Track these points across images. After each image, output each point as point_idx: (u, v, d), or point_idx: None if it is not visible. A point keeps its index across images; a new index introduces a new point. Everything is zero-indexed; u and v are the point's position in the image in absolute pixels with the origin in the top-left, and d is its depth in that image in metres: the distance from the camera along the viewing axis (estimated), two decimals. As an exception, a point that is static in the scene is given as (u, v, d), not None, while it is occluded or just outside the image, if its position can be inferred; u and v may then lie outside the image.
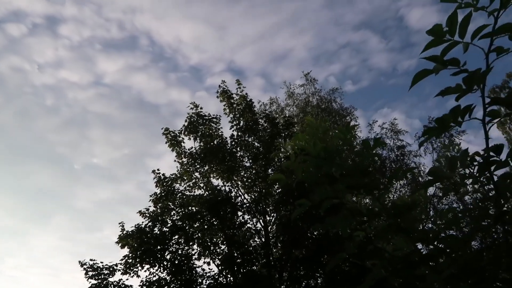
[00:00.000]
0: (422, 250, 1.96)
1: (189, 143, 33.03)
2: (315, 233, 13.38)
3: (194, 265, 13.69)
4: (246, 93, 16.65)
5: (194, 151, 15.76)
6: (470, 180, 1.83)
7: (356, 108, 24.98)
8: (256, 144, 16.03)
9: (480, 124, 1.34)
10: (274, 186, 15.09)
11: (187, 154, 15.74)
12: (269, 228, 14.70)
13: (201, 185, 15.68)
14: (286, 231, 13.18)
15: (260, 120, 16.48)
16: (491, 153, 1.19)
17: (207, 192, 15.36)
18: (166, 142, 15.99)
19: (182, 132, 16.03)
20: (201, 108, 16.32)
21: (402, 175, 1.89)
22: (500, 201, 1.23)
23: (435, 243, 1.80)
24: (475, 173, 1.72)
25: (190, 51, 40.73)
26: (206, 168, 15.61)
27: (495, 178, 1.49)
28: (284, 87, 26.08)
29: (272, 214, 14.78)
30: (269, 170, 15.38)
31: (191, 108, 16.28)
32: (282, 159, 14.43)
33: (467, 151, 1.27)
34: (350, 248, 1.84)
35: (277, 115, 22.74)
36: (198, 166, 15.58)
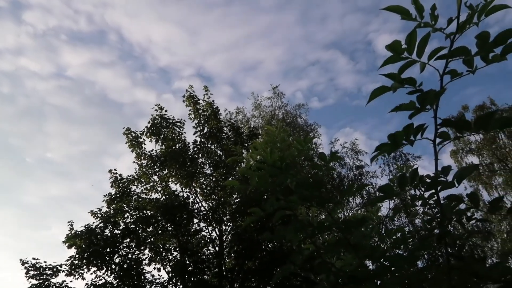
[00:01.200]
0: (369, 267, 1.97)
1: (150, 145, 32.38)
2: (269, 245, 13.38)
3: (144, 271, 13.29)
4: (213, 100, 16.59)
5: (155, 153, 15.44)
6: (420, 202, 1.88)
7: (320, 125, 25.49)
8: (218, 152, 15.93)
9: (433, 151, 1.38)
10: (233, 196, 15.01)
11: (147, 156, 15.39)
12: (224, 237, 14.56)
13: (159, 189, 15.35)
14: (240, 242, 13.10)
15: (225, 129, 16.42)
16: (439, 174, 1.22)
17: (164, 197, 15.05)
18: (126, 142, 15.58)
19: (144, 133, 15.69)
20: (166, 110, 16.07)
21: (355, 191, 1.90)
22: (443, 221, 1.25)
23: (382, 260, 1.82)
24: (423, 195, 1.76)
25: (160, 52, 40.17)
26: (165, 172, 15.31)
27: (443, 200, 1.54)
28: (252, 98, 26.23)
29: (228, 224, 14.67)
30: (230, 179, 15.29)
31: (156, 110, 16.00)
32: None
33: (417, 170, 1.30)
34: (297, 260, 1.83)
35: (242, 125, 22.76)
36: (157, 169, 15.25)
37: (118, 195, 14.35)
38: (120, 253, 13.11)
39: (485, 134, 24.12)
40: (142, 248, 13.67)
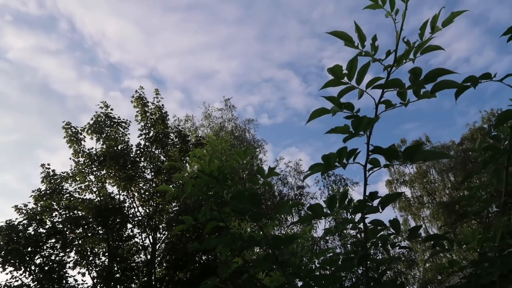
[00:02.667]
0: (297, 285, 1.99)
1: (91, 143, 30.94)
2: (203, 257, 13.17)
3: (67, 274, 12.51)
4: (163, 105, 16.27)
5: (94, 152, 14.78)
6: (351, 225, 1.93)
7: (267, 142, 25.86)
8: (162, 157, 15.56)
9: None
10: (172, 203, 14.68)
11: (85, 154, 14.69)
12: (157, 245, 14.13)
13: (94, 189, 14.66)
14: (174, 251, 12.78)
15: (171, 135, 16.12)
16: (366, 199, 1.26)
17: (98, 198, 14.38)
18: (64, 137, 14.79)
19: (86, 130, 15.00)
20: (111, 109, 15.52)
21: (289, 208, 1.92)
22: (365, 244, 1.29)
23: (307, 279, 1.84)
24: (354, 218, 1.82)
25: (112, 48, 38.80)
26: (103, 172, 14.68)
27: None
28: (203, 107, 26.05)
29: (163, 232, 14.27)
30: (171, 186, 14.93)
31: (101, 107, 15.40)
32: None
33: (346, 193, 1.34)
34: (223, 273, 1.80)
35: (190, 134, 22.49)
36: (95, 168, 14.59)
37: (48, 191, 13.50)
38: (43, 253, 12.27)
39: (419, 168, 25.68)
40: (68, 250, 12.89)
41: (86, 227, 13.26)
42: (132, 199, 14.79)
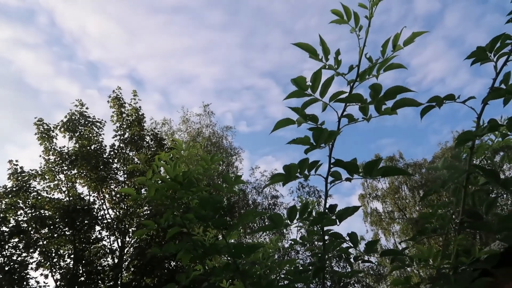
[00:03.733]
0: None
1: (63, 141, 30.20)
2: (172, 263, 12.97)
3: (28, 275, 12.07)
4: (140, 106, 16.07)
5: (66, 151, 14.42)
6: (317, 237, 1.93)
7: (244, 150, 25.80)
8: (136, 160, 15.32)
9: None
10: (143, 207, 14.43)
11: (56, 152, 14.32)
12: (125, 249, 13.84)
13: (63, 189, 14.27)
14: (142, 256, 12.53)
15: (147, 137, 15.91)
16: (325, 211, 1.27)
17: (67, 198, 14.00)
18: (36, 133, 14.38)
19: (58, 127, 14.64)
20: (87, 108, 15.23)
21: (253, 217, 1.91)
22: (323, 256, 1.29)
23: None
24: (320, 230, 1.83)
25: (92, 46, 38.06)
26: (74, 171, 14.33)
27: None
28: (181, 111, 25.88)
29: (132, 236, 13.99)
30: (143, 190, 14.72)
31: (76, 106, 15.08)
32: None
33: (308, 203, 1.34)
34: (183, 281, 1.77)
35: (166, 137, 22.25)
36: (65, 167, 14.22)
37: (14, 189, 13.05)
38: (4, 253, 11.81)
39: (391, 184, 26.15)
40: (31, 250, 12.46)
41: (52, 227, 12.88)
42: (102, 201, 14.47)
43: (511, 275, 2.64)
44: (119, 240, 13.91)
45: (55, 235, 13.08)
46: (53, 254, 12.95)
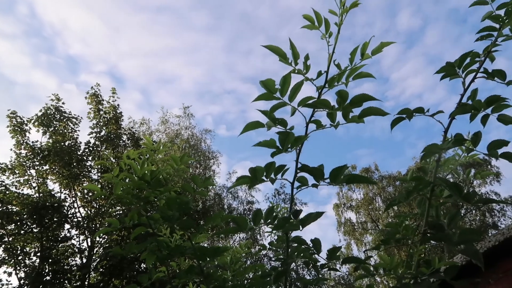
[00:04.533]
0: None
1: (36, 136, 29.42)
2: (142, 265, 12.74)
3: (-10, 273, 11.64)
4: (118, 105, 15.83)
5: (39, 145, 14.04)
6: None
7: (222, 154, 25.71)
8: (111, 158, 15.05)
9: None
10: (116, 207, 14.16)
11: (29, 146, 13.92)
12: (95, 249, 13.52)
13: (34, 184, 13.87)
14: (112, 257, 12.26)
15: (124, 136, 15.67)
16: (290, 216, 1.27)
17: (37, 194, 13.61)
18: (8, 126, 13.96)
19: (32, 121, 14.26)
20: (63, 103, 14.90)
21: (220, 220, 1.90)
22: (286, 262, 1.29)
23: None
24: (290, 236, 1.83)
25: (73, 40, 37.27)
26: (46, 167, 13.95)
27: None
28: (161, 112, 25.62)
29: (103, 236, 13.69)
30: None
31: (52, 100, 14.73)
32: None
33: (273, 208, 1.33)
34: (145, 282, 1.73)
35: (144, 137, 21.97)
36: (37, 162, 13.84)
37: (-19, 182, 12.61)
38: (-34, 248, 11.38)
39: (365, 195, 26.51)
40: (-5, 247, 12.04)
41: (19, 223, 12.47)
42: (73, 199, 14.13)
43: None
44: (88, 240, 13.60)
45: (22, 231, 12.67)
46: (19, 251, 12.53)
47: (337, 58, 1.14)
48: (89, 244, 13.56)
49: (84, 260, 13.16)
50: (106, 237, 13.68)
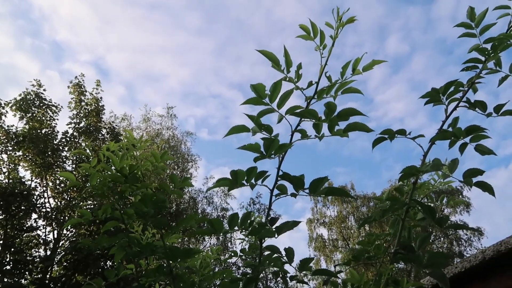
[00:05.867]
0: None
1: (12, 120, 28.63)
2: (109, 262, 12.46)
3: None
4: (101, 97, 15.62)
5: (14, 130, 13.66)
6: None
7: (201, 158, 25.54)
8: (88, 151, 14.75)
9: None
10: (88, 201, 13.86)
11: (3, 130, 13.53)
12: (61, 242, 13.17)
13: (4, 170, 13.46)
14: (78, 251, 11.95)
15: (104, 130, 15.42)
16: (266, 223, 1.27)
17: (6, 180, 13.20)
18: (-17, 107, 13.56)
19: (10, 105, 13.88)
20: (44, 89, 14.58)
21: (194, 221, 1.88)
22: (258, 267, 1.29)
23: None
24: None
25: (61, 26, 36.56)
26: (19, 153, 13.57)
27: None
28: (143, 109, 25.37)
29: (71, 229, 13.36)
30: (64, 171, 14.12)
31: (33, 86, 14.40)
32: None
33: (250, 213, 1.33)
34: (111, 277, 1.70)
35: (124, 133, 21.66)
36: (10, 148, 13.45)
37: None
38: None
39: (339, 213, 26.73)
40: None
41: (-17, 208, 12.06)
42: (44, 188, 13.77)
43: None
44: (55, 232, 13.24)
45: (-14, 217, 12.26)
46: (-20, 238, 12.11)
47: (326, 73, 1.15)
48: (55, 236, 13.20)
49: (48, 253, 12.79)
50: (74, 230, 13.35)
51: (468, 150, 1.70)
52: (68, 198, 13.80)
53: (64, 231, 13.32)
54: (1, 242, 12.26)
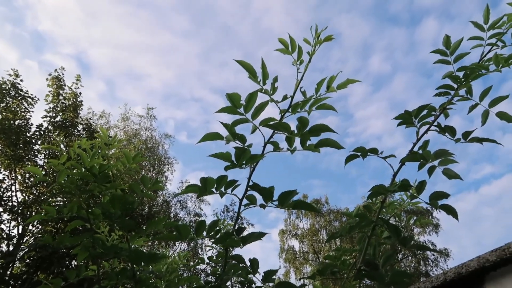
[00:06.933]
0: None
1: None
2: (74, 262, 12.12)
3: None
4: (80, 93, 15.31)
5: (-15, 119, 13.23)
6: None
7: (178, 161, 25.30)
8: (62, 146, 14.40)
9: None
10: (57, 197, 13.48)
11: (-26, 118, 13.09)
12: (25, 238, 12.74)
13: (-29, 160, 12.99)
14: (42, 249, 11.58)
15: (80, 126, 15.10)
16: (232, 232, 1.27)
17: (-28, 171, 12.75)
18: (-45, 93, 13.09)
19: (-17, 93, 13.45)
20: (21, 80, 14.18)
21: (163, 226, 1.86)
22: (222, 276, 1.28)
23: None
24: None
25: (44, 17, 35.85)
26: (-12, 144, 13.13)
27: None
28: (123, 108, 25.02)
29: (37, 225, 12.96)
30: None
31: (10, 75, 14.00)
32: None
33: (217, 221, 1.33)
34: (71, 277, 1.66)
35: (99, 129, 21.26)
36: (-20, 137, 13.00)
37: None
38: None
39: (312, 226, 26.87)
40: None
41: None
42: (12, 181, 13.33)
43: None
44: (20, 227, 12.81)
45: None
46: None
47: (307, 86, 1.17)
48: (20, 231, 12.77)
49: (11, 248, 12.35)
50: (40, 226, 12.95)
51: (439, 173, 1.74)
52: (37, 193, 13.40)
53: (30, 227, 12.91)
54: (-38, 234, 11.79)
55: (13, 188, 13.30)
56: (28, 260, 12.30)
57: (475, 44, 1.80)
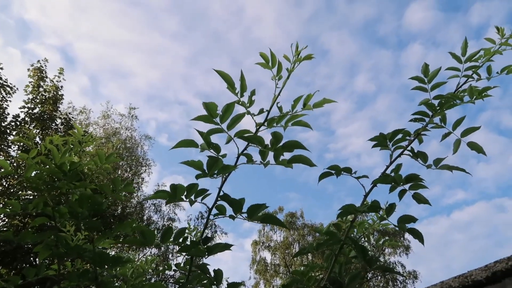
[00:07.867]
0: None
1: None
2: (38, 259, 11.76)
3: None
4: (62, 86, 15.03)
5: (-41, 105, 12.83)
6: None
7: (156, 164, 24.98)
8: (38, 139, 14.06)
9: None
10: (27, 192, 13.11)
11: None
12: (-10, 231, 12.31)
13: None
14: (5, 243, 11.20)
15: (58, 120, 14.79)
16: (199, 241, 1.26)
17: None
18: None
19: (-40, 78, 13.06)
20: (1, 68, 13.83)
21: (131, 229, 1.83)
22: (186, 285, 1.26)
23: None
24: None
25: (32, 7, 35.21)
26: (-40, 130, 12.72)
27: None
28: (105, 105, 24.64)
29: (3, 218, 12.55)
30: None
31: (-10, 61, 13.66)
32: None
33: (184, 230, 1.32)
34: (30, 276, 1.61)
35: (75, 126, 20.86)
36: (-49, 123, 12.58)
37: None
38: None
39: (285, 238, 26.87)
40: None
41: None
42: (-19, 171, 12.91)
43: None
44: (-15, 220, 12.39)
45: None
46: None
47: (291, 100, 1.18)
48: (-15, 224, 12.35)
49: (-27, 240, 11.92)
50: (6, 220, 12.54)
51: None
52: (6, 185, 13.01)
53: (-4, 219, 12.50)
54: None
55: (-19, 178, 12.88)
56: (-10, 254, 11.89)
57: (452, 75, 1.86)
